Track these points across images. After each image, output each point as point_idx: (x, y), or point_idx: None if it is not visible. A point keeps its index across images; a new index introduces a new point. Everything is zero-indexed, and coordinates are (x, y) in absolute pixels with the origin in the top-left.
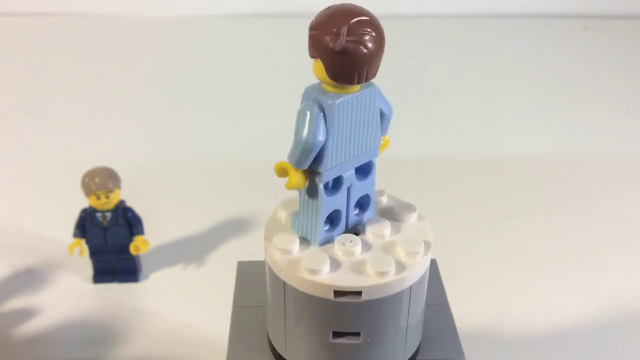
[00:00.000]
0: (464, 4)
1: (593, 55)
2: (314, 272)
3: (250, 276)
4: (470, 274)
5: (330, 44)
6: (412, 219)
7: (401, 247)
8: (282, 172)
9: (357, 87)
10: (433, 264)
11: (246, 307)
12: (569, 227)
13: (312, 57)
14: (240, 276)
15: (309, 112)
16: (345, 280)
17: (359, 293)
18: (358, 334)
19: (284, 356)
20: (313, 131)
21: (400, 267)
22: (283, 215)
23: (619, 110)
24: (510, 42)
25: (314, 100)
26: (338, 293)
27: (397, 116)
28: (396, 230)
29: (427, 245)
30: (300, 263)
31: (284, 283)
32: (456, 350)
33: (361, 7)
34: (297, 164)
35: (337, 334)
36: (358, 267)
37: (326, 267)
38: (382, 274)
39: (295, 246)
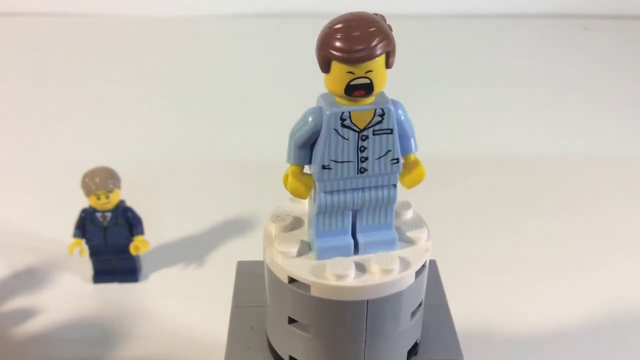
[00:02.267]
0: (464, 4)
1: (593, 55)
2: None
3: (250, 276)
4: (470, 275)
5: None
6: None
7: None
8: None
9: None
10: (432, 264)
11: (245, 307)
12: (568, 227)
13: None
14: (239, 276)
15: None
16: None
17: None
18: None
19: None
20: None
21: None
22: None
23: (619, 111)
24: (510, 42)
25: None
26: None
27: None
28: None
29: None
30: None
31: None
32: (455, 351)
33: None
34: None
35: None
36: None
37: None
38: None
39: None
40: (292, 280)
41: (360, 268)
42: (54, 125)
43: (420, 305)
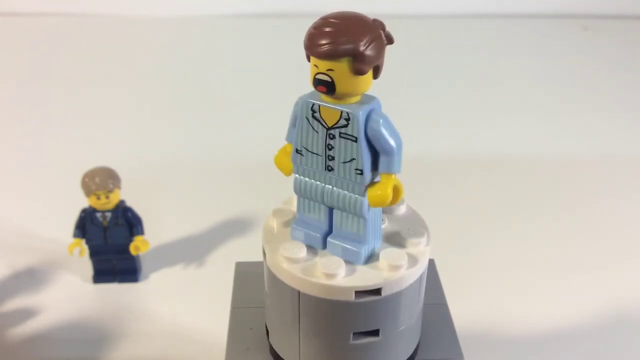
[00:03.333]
0: (464, 4)
1: (593, 55)
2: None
3: (249, 277)
4: (469, 274)
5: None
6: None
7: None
8: (399, 192)
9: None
10: (431, 264)
11: (245, 308)
12: (568, 227)
13: (360, 72)
14: (238, 277)
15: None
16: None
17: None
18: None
19: None
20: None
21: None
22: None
23: (619, 111)
24: (510, 42)
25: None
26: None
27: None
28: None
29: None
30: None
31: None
32: (455, 351)
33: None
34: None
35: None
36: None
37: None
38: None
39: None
40: (264, 252)
41: (310, 260)
42: (54, 125)
43: (375, 334)
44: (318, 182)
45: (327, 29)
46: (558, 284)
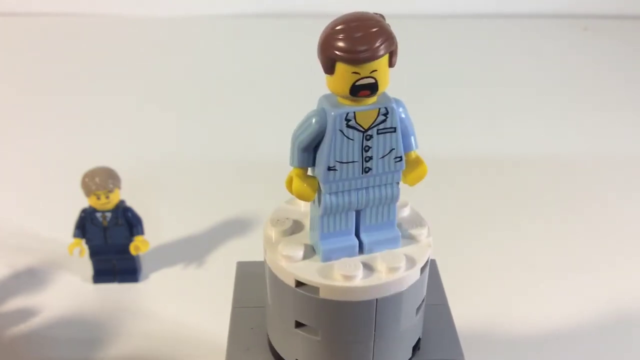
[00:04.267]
0: (464, 4)
1: (593, 56)
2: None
3: (250, 277)
4: (470, 274)
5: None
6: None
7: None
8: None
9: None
10: (433, 264)
11: (245, 308)
12: (569, 227)
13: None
14: (239, 277)
15: None
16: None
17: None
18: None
19: None
20: None
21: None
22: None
23: (619, 111)
24: (510, 42)
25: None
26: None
27: None
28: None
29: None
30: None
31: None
32: (456, 351)
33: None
34: None
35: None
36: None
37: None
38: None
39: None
40: (299, 283)
41: (367, 267)
42: (54, 125)
43: (423, 300)
44: (352, 190)
45: (361, 33)
46: (558, 284)
